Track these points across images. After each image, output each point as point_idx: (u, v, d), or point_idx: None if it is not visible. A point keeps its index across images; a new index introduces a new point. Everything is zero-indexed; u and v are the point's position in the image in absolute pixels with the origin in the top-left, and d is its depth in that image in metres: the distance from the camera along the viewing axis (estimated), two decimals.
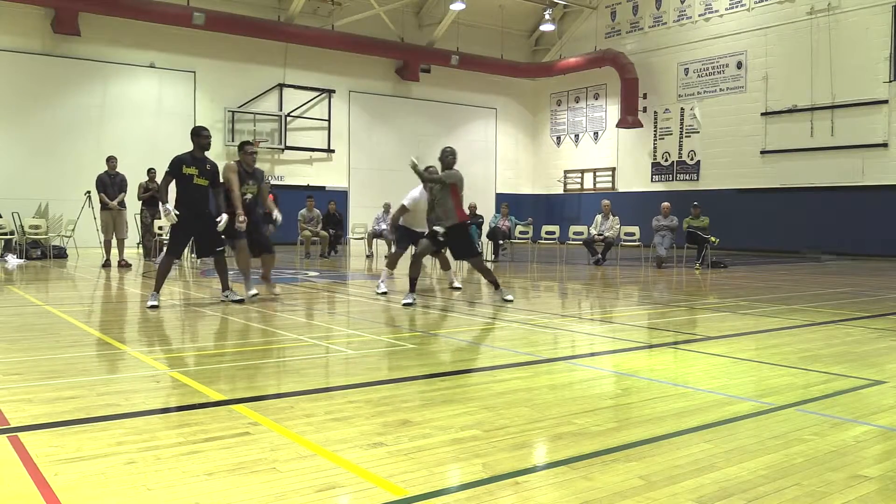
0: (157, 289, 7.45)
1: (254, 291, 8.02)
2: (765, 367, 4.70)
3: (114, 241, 12.93)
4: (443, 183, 8.04)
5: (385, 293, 8.85)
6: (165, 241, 15.65)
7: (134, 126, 18.83)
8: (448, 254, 8.99)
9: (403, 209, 9.46)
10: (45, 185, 17.31)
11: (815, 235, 18.57)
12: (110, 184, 12.96)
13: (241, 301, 7.73)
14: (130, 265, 12.75)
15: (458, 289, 9.61)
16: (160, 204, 7.68)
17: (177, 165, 7.51)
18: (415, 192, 9.38)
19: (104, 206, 12.91)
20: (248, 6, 20.47)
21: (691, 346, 5.45)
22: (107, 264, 12.59)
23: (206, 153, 7.75)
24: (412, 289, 8.00)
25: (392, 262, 9.73)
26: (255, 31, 20.10)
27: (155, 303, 7.27)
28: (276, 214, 8.93)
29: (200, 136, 7.69)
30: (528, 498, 2.43)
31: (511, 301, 8.04)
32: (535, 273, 13.02)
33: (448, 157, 8.21)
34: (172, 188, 7.49)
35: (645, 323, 6.90)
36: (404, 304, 7.73)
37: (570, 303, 9.02)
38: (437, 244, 8.19)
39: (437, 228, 7.99)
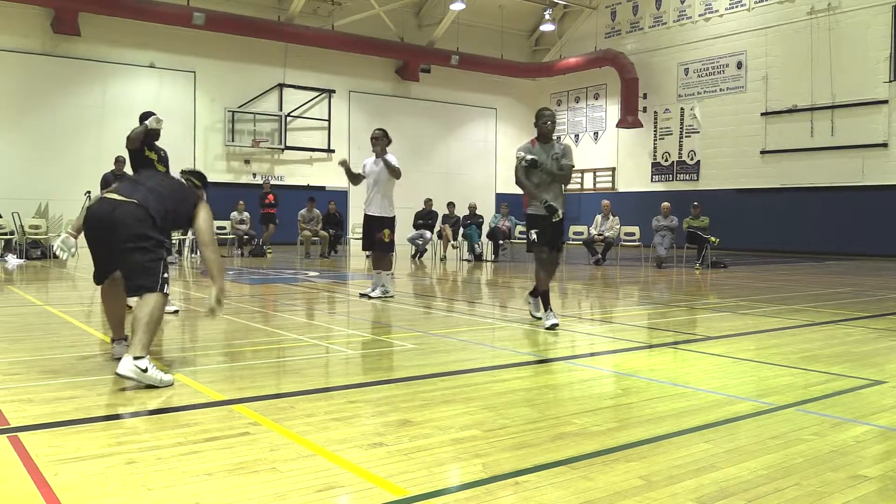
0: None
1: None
2: (765, 367, 4.70)
3: None
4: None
5: (392, 296, 8.47)
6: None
7: (134, 126, 18.80)
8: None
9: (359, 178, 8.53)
10: (45, 185, 17.32)
11: (815, 235, 18.58)
12: (115, 183, 12.89)
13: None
14: None
15: (370, 297, 8.31)
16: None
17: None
18: (367, 162, 8.48)
19: None
20: (248, 6, 20.47)
21: (691, 346, 5.45)
22: None
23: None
24: (548, 305, 6.35)
25: (375, 262, 8.63)
26: (255, 31, 20.10)
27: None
28: None
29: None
30: (528, 498, 2.43)
31: (552, 326, 6.17)
32: None
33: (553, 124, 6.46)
34: None
35: (645, 323, 6.90)
36: (549, 327, 6.13)
37: (570, 303, 9.02)
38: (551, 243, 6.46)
39: (534, 233, 6.36)
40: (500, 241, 16.84)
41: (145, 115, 7.27)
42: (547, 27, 24.10)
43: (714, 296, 9.37)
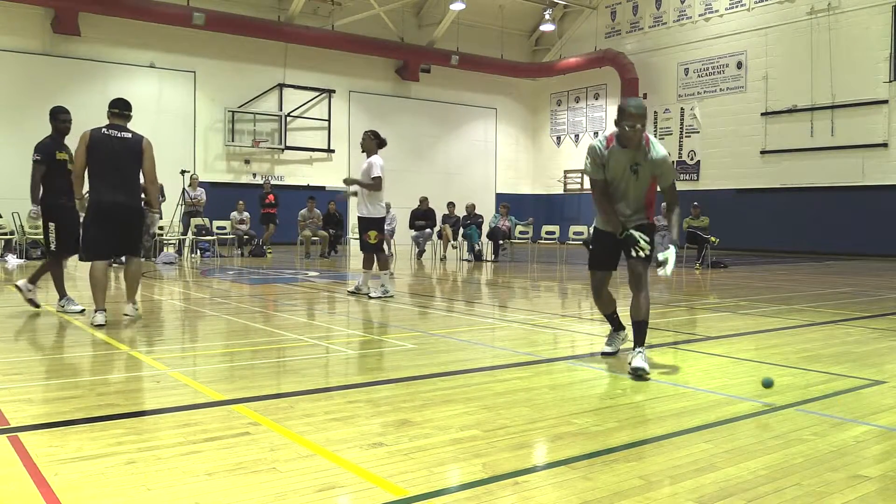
0: (60, 293, 6.81)
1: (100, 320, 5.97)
2: (765, 367, 4.70)
3: None
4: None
5: (392, 296, 8.41)
6: (166, 242, 15.68)
7: (134, 126, 18.76)
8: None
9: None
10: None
11: (815, 235, 18.58)
12: None
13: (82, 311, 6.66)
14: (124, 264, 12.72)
15: (377, 296, 8.33)
16: (32, 203, 6.65)
17: (50, 153, 6.62)
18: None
19: None
20: (248, 6, 20.46)
21: (691, 346, 5.45)
22: None
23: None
24: (616, 328, 5.20)
25: (365, 262, 8.73)
26: (255, 31, 20.11)
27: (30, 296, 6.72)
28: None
29: (58, 119, 6.84)
30: (528, 498, 2.43)
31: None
32: (535, 273, 13.03)
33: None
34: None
35: None
36: (636, 370, 4.32)
37: (570, 303, 9.02)
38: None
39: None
40: (500, 241, 16.84)
41: (54, 112, 6.89)
42: (547, 27, 24.11)
43: (714, 296, 9.37)
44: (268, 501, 2.37)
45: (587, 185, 24.88)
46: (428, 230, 17.08)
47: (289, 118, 21.40)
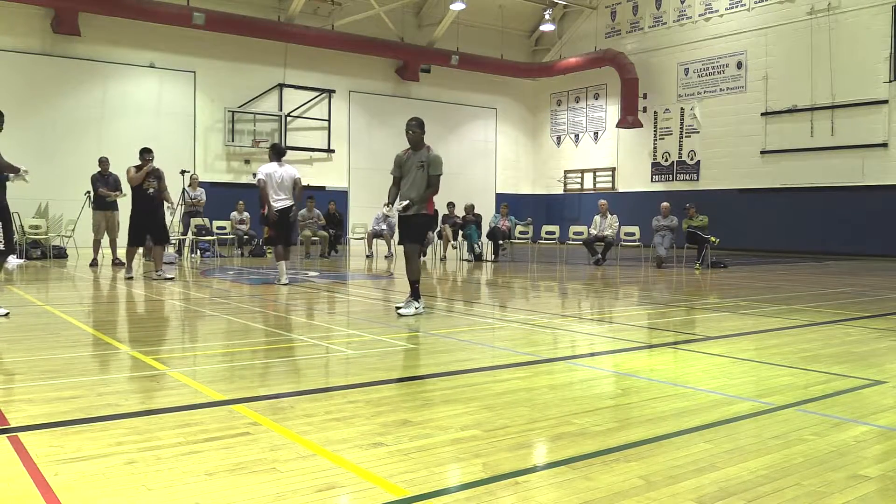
0: None
1: None
2: (765, 367, 4.70)
3: (105, 241, 13.12)
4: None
5: (286, 283, 9.89)
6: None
7: (134, 126, 18.80)
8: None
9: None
10: (45, 185, 17.25)
11: (815, 235, 18.57)
12: (104, 184, 13.20)
13: None
14: (125, 263, 12.73)
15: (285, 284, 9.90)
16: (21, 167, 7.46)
17: None
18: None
19: (98, 207, 13.07)
20: (248, 6, 20.46)
21: (691, 346, 5.45)
22: (94, 263, 12.74)
23: None
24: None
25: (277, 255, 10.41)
26: (255, 31, 20.10)
27: None
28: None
29: None
30: (528, 498, 2.43)
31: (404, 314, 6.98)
32: (535, 273, 13.03)
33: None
34: None
35: (645, 323, 6.90)
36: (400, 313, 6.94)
37: (570, 303, 9.02)
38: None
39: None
40: (500, 241, 16.84)
41: None
42: (547, 27, 24.10)
43: (714, 296, 9.37)
44: (268, 501, 2.37)
45: (587, 184, 24.84)
46: (431, 234, 17.05)
47: (289, 118, 21.39)
